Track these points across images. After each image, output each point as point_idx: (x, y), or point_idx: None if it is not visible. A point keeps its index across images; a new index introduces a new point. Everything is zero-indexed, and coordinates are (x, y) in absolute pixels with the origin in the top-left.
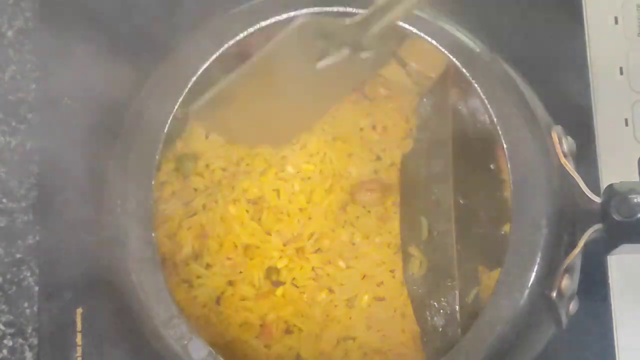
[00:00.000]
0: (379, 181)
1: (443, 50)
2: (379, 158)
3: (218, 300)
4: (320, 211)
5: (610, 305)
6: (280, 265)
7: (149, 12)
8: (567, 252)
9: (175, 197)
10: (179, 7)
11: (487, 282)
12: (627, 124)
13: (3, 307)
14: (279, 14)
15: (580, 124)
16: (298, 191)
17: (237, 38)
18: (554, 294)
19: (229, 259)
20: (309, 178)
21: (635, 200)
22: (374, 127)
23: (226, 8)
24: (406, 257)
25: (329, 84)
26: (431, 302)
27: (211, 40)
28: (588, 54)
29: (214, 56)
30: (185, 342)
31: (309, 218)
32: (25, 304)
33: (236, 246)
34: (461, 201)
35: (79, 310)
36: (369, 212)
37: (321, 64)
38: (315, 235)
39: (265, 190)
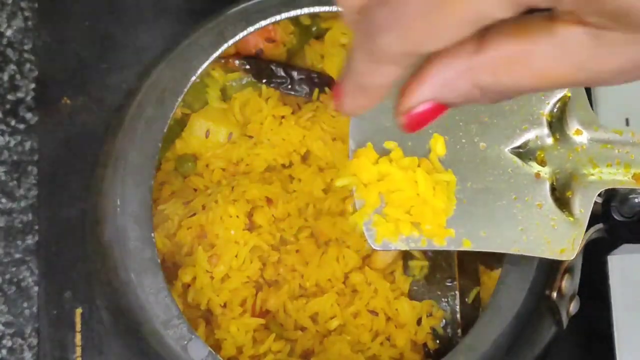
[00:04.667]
0: None
1: None
2: None
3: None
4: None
5: (611, 305)
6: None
7: (147, 13)
8: None
9: (175, 197)
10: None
11: (488, 282)
12: (628, 124)
13: (2, 307)
14: (278, 13)
15: None
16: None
17: (237, 38)
18: (555, 294)
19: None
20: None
21: (635, 200)
22: None
23: (226, 8)
24: (407, 258)
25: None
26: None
27: (211, 40)
28: None
29: (214, 56)
30: (185, 342)
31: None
32: (25, 304)
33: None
34: None
35: (79, 311)
36: None
37: (507, 151)
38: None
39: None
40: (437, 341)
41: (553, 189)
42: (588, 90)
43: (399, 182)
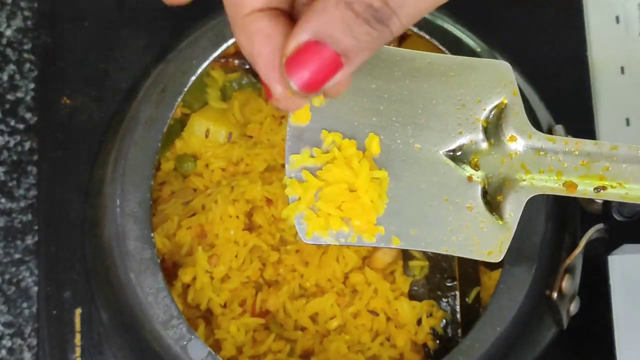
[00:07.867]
0: None
1: (443, 49)
2: None
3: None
4: None
5: (611, 305)
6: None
7: (147, 13)
8: (568, 252)
9: (175, 197)
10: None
11: (488, 282)
12: (628, 124)
13: (2, 307)
14: None
15: (581, 124)
16: None
17: None
18: (555, 294)
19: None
20: None
21: None
22: None
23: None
24: (407, 258)
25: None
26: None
27: (211, 40)
28: (589, 53)
29: (214, 56)
30: (185, 342)
31: None
32: (24, 305)
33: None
34: None
35: (78, 311)
36: None
37: (442, 153)
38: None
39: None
40: (437, 341)
41: (485, 193)
42: (585, 90)
43: (336, 175)
